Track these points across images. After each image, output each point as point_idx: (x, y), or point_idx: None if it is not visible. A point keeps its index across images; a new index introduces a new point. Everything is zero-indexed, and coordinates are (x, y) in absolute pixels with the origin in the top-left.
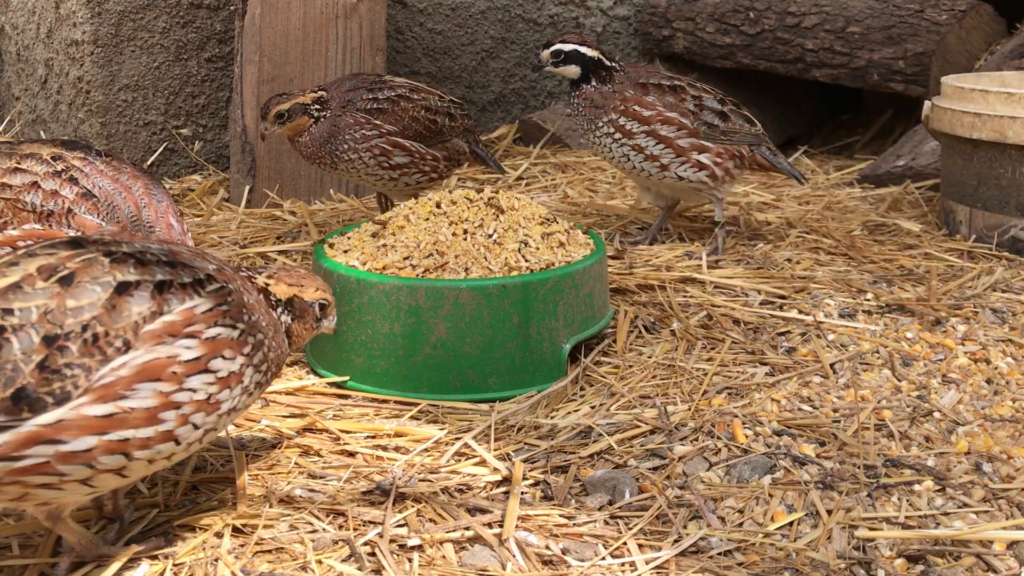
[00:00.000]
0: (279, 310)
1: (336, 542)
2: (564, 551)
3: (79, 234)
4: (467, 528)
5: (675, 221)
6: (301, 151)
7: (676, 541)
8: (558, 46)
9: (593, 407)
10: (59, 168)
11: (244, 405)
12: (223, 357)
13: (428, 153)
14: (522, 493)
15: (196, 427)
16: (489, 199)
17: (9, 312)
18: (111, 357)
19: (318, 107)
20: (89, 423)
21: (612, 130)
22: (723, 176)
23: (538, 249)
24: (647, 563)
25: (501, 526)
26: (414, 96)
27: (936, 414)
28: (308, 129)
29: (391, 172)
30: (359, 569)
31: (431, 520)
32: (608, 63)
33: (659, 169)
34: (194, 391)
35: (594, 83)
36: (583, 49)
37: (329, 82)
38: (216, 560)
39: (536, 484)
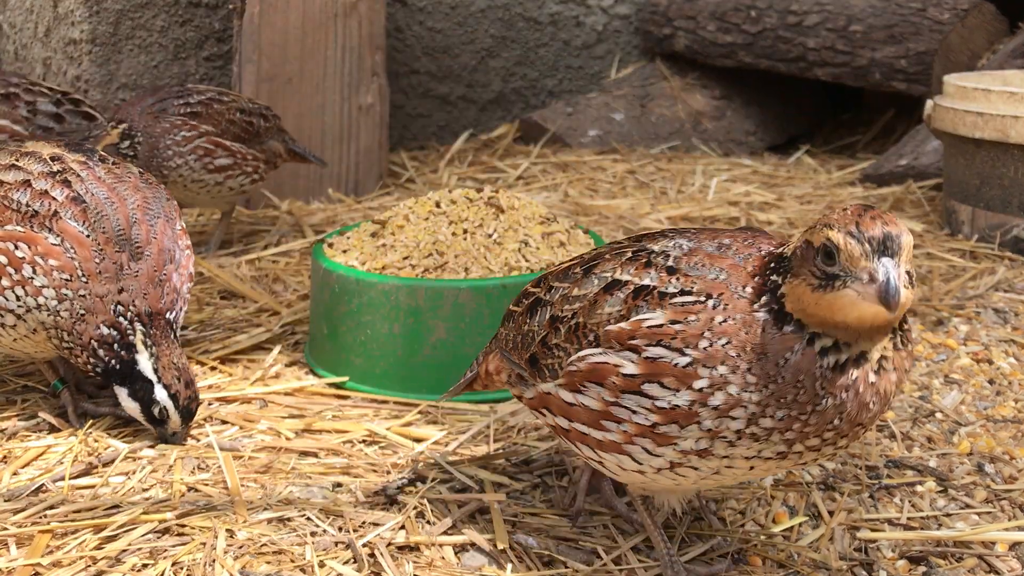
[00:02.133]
0: (795, 330)
1: (336, 544)
2: (564, 553)
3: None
4: (466, 531)
5: None
6: None
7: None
8: None
9: None
10: (55, 169)
11: (730, 455)
12: (661, 384)
13: (249, 153)
14: (522, 495)
15: (650, 453)
16: (489, 198)
17: (551, 289)
18: (583, 348)
19: (127, 143)
20: (560, 404)
21: None
22: None
23: (538, 249)
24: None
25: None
26: (224, 99)
27: (938, 415)
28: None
29: (216, 176)
30: (359, 571)
31: (430, 522)
32: None
33: None
34: (632, 412)
35: None
36: None
37: (124, 107)
38: (214, 562)
39: (536, 486)
